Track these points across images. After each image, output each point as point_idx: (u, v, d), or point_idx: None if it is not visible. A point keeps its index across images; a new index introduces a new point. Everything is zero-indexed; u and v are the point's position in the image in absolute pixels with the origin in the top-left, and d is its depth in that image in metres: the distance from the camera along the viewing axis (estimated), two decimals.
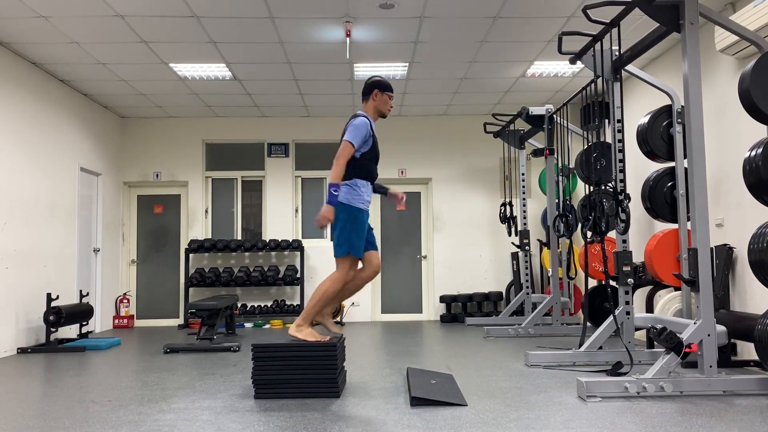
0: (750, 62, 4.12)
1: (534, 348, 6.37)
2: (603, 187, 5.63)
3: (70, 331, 7.80)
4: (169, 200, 9.85)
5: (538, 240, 9.19)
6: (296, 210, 9.83)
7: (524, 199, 8.64)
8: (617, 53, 5.32)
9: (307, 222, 9.87)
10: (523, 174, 8.64)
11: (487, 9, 5.88)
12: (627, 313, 5.35)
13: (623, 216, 4.95)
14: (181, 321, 9.46)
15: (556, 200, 7.27)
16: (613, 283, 6.49)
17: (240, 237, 9.78)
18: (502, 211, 8.74)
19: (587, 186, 6.00)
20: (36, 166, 7.22)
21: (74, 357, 6.40)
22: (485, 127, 8.84)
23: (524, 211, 8.59)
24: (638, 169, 7.36)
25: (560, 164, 7.33)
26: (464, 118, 9.85)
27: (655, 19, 4.43)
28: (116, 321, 9.25)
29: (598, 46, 5.24)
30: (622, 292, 5.36)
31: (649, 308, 6.30)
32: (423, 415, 3.73)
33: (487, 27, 6.30)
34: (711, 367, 4.16)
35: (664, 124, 5.61)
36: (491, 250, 9.77)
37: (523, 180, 8.64)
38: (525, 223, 8.57)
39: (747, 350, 5.37)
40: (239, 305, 9.35)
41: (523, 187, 8.65)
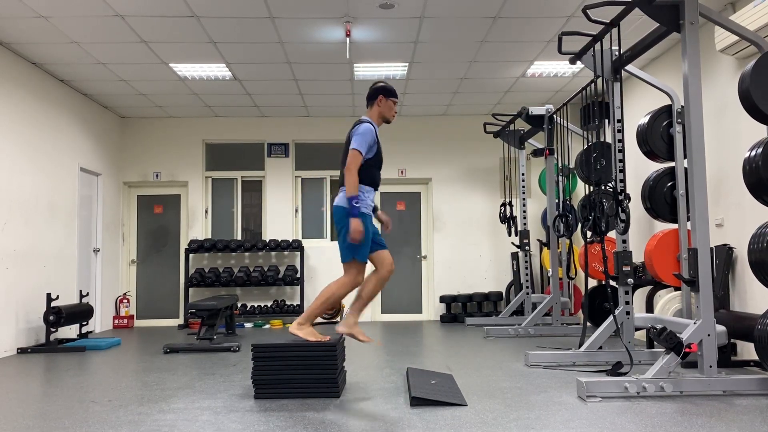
0: (750, 62, 4.12)
1: (534, 348, 6.37)
2: (603, 187, 5.63)
3: (70, 331, 7.80)
4: (169, 200, 9.85)
5: (538, 240, 9.19)
6: (296, 210, 9.83)
7: (524, 199, 8.64)
8: (617, 53, 5.32)
9: (307, 222, 9.87)
10: (523, 174, 8.64)
11: (487, 9, 5.88)
12: (627, 313, 5.35)
13: (623, 216, 4.95)
14: (181, 321, 9.47)
15: (556, 200, 7.27)
16: (613, 283, 6.50)
17: (240, 237, 9.78)
18: (502, 211, 8.74)
19: (587, 186, 6.00)
20: (36, 166, 7.22)
21: (74, 357, 6.40)
22: (485, 127, 8.84)
23: (524, 211, 8.59)
24: (638, 169, 7.36)
25: (560, 164, 7.33)
26: (464, 118, 9.85)
27: (655, 19, 4.43)
28: (116, 321, 9.25)
29: (598, 46, 5.24)
30: (622, 292, 5.36)
31: (649, 308, 6.30)
32: (423, 415, 3.73)
33: (487, 27, 6.30)
34: (711, 367, 4.16)
35: (664, 124, 5.61)
36: (491, 250, 9.77)
37: (523, 180, 8.64)
38: (525, 223, 8.56)
39: (747, 350, 5.37)
40: (239, 305, 9.35)
41: (523, 187, 8.64)
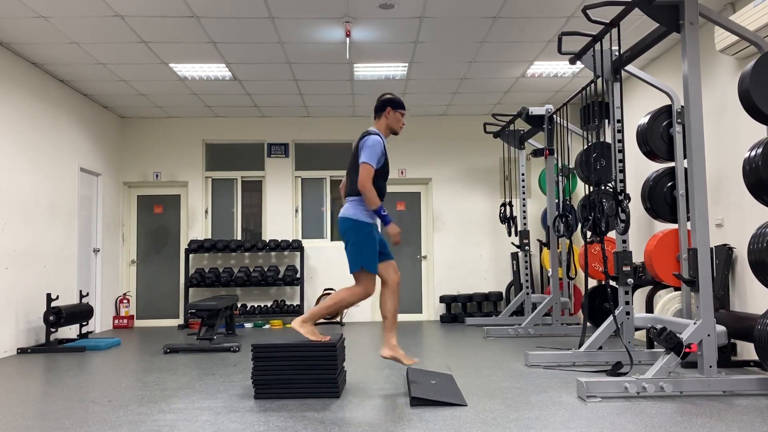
0: (750, 62, 4.12)
1: (534, 348, 6.37)
2: (603, 187, 5.63)
3: (70, 331, 7.80)
4: (169, 200, 9.85)
5: (538, 240, 9.19)
6: (296, 210, 9.83)
7: (524, 199, 8.64)
8: (617, 53, 5.32)
9: (307, 222, 9.87)
10: (523, 174, 8.64)
11: (487, 9, 5.88)
12: (627, 313, 5.35)
13: (623, 216, 4.95)
14: (181, 321, 9.47)
15: (556, 200, 7.27)
16: (613, 283, 6.49)
17: (240, 237, 9.79)
18: (502, 211, 8.74)
19: (587, 186, 6.00)
20: (36, 166, 7.22)
21: (74, 357, 6.40)
22: (485, 127, 8.83)
23: (524, 211, 8.59)
24: (638, 169, 7.36)
25: (560, 164, 7.33)
26: (464, 118, 9.85)
27: (654, 19, 4.43)
28: (116, 321, 9.25)
29: (597, 46, 5.24)
30: (622, 292, 5.36)
31: (649, 308, 6.30)
32: (423, 415, 3.73)
33: (487, 27, 6.31)
34: (711, 367, 4.16)
35: (664, 124, 5.61)
36: (491, 250, 9.77)
37: (523, 180, 8.64)
38: (525, 223, 8.56)
39: (747, 350, 5.37)
40: (239, 305, 9.35)
41: (523, 187, 8.64)
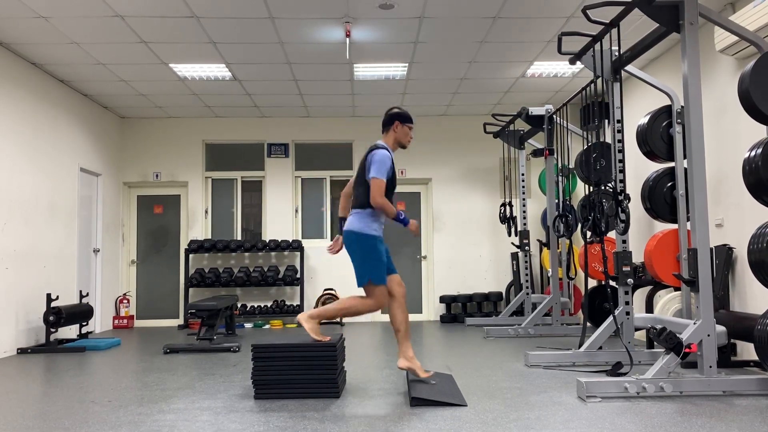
0: (750, 62, 4.12)
1: (534, 348, 6.37)
2: (603, 188, 5.63)
3: (69, 331, 7.80)
4: (169, 200, 9.85)
5: (538, 240, 9.19)
6: (296, 210, 9.83)
7: (524, 199, 8.63)
8: (617, 53, 5.32)
9: (306, 222, 9.87)
10: (522, 174, 8.64)
11: (487, 9, 5.88)
12: (627, 313, 5.35)
13: (623, 216, 4.95)
14: (181, 321, 9.47)
15: (556, 200, 7.27)
16: (612, 283, 6.50)
17: (240, 237, 9.79)
18: (502, 211, 8.74)
19: (587, 186, 6.00)
20: (36, 166, 7.22)
21: (74, 357, 6.40)
22: (485, 127, 8.83)
23: (524, 212, 8.59)
24: (638, 169, 7.36)
25: (560, 164, 7.33)
26: (464, 118, 9.85)
27: (654, 19, 4.43)
28: (116, 321, 9.25)
29: (597, 46, 5.24)
30: (621, 293, 5.36)
31: (649, 308, 6.30)
32: (423, 416, 3.73)
33: (487, 27, 6.31)
34: (711, 367, 4.16)
35: (664, 124, 5.61)
36: (491, 250, 9.77)
37: (523, 180, 8.64)
38: (525, 224, 8.56)
39: (747, 350, 5.37)
40: (239, 305, 9.35)
41: (523, 187, 8.64)
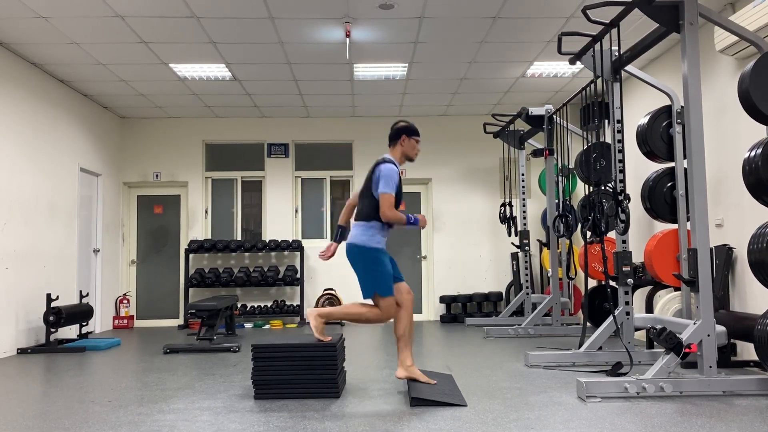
0: (750, 63, 4.12)
1: (534, 348, 6.37)
2: (603, 188, 5.63)
3: (70, 331, 7.80)
4: (169, 200, 9.85)
5: (538, 240, 9.19)
6: (296, 210, 9.83)
7: (524, 199, 8.63)
8: (617, 53, 5.32)
9: (306, 222, 9.87)
10: (522, 174, 8.64)
11: (487, 9, 5.88)
12: (627, 313, 5.35)
13: (623, 216, 4.95)
14: (181, 321, 9.46)
15: (556, 200, 7.27)
16: (612, 283, 6.50)
17: (240, 237, 9.78)
18: (502, 211, 8.73)
19: (587, 186, 6.00)
20: (36, 166, 7.22)
21: (74, 357, 6.40)
22: (485, 127, 8.83)
23: (524, 212, 8.59)
24: (638, 169, 7.36)
25: (560, 164, 7.33)
26: (464, 118, 9.85)
27: (654, 19, 4.43)
28: (116, 321, 9.25)
29: (597, 46, 5.24)
30: (621, 293, 5.36)
31: (649, 308, 6.30)
32: (423, 416, 3.73)
33: (487, 27, 6.31)
34: (711, 367, 4.16)
35: (664, 124, 5.61)
36: (491, 250, 9.77)
37: (523, 180, 8.63)
38: (525, 224, 8.56)
39: (747, 350, 5.37)
40: (239, 305, 9.35)
41: (523, 187, 8.64)
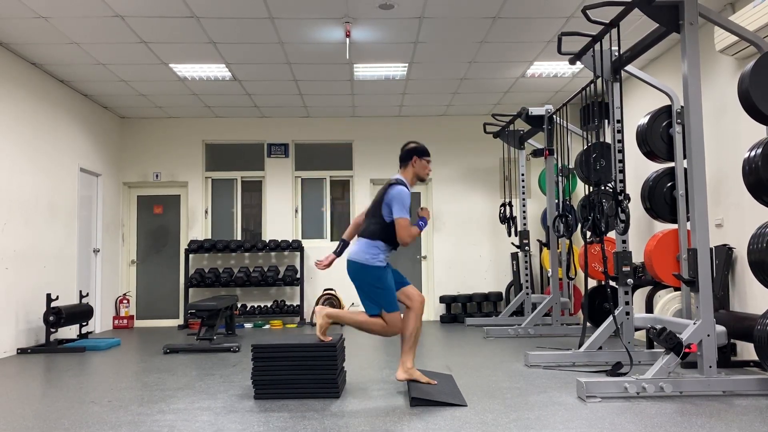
0: (749, 63, 4.12)
1: (534, 348, 6.37)
2: (603, 188, 5.63)
3: (69, 331, 7.80)
4: (169, 201, 9.85)
5: (538, 240, 9.18)
6: (296, 210, 9.83)
7: (524, 199, 8.63)
8: (617, 53, 5.32)
9: (306, 222, 9.87)
10: (522, 174, 8.64)
11: (487, 9, 5.88)
12: (627, 313, 5.35)
13: (623, 216, 4.95)
14: (181, 321, 9.46)
15: (556, 200, 7.27)
16: (612, 283, 6.49)
17: (240, 237, 9.78)
18: (502, 211, 8.73)
19: (587, 186, 6.00)
20: (36, 166, 7.22)
21: (74, 357, 6.40)
22: (485, 127, 8.83)
23: (524, 212, 8.59)
24: (638, 169, 7.36)
25: (560, 164, 7.33)
26: (464, 119, 9.85)
27: (654, 19, 4.43)
28: (116, 321, 9.25)
29: (597, 46, 5.24)
30: (621, 293, 5.36)
31: (649, 308, 6.30)
32: (423, 416, 3.73)
33: (487, 27, 6.31)
34: (711, 367, 4.16)
35: (664, 124, 5.61)
36: (491, 250, 9.77)
37: (523, 180, 8.63)
38: (525, 224, 8.56)
39: (747, 350, 5.37)
40: (239, 305, 9.35)
41: (523, 187, 8.64)
